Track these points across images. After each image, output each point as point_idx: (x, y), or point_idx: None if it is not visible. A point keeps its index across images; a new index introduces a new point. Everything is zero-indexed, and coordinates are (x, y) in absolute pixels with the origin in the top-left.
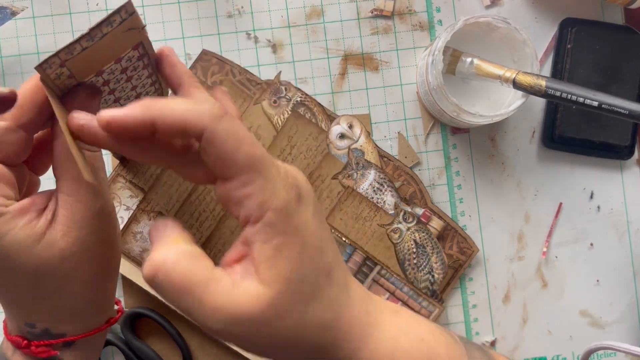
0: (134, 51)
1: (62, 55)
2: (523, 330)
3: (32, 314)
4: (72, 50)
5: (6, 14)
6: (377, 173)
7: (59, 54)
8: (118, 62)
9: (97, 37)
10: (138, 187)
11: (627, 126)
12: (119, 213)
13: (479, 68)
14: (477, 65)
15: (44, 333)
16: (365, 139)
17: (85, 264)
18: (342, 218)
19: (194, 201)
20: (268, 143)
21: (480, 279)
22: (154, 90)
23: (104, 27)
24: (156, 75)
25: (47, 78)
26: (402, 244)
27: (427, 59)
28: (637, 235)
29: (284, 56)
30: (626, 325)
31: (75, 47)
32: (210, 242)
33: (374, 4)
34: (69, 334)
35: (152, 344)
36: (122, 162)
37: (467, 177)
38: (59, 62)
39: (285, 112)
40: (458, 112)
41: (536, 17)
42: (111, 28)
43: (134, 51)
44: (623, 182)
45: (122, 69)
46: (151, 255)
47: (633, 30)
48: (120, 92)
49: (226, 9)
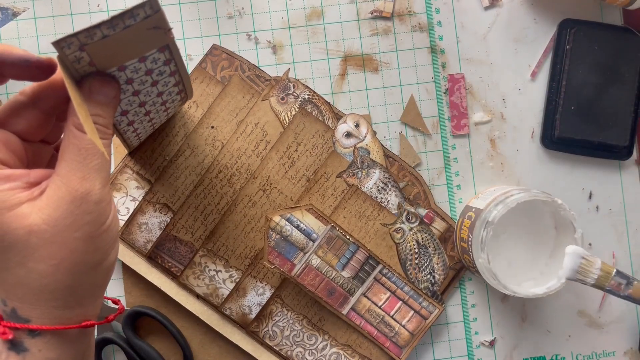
0: (159, 53)
1: (82, 38)
2: (522, 330)
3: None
4: (92, 34)
5: (7, 14)
6: (382, 173)
7: (78, 35)
8: (142, 62)
9: (119, 27)
10: (145, 178)
11: (625, 127)
12: (125, 204)
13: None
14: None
15: (12, 313)
16: (371, 138)
17: (55, 245)
18: (345, 216)
19: (199, 194)
20: (275, 139)
21: (480, 278)
22: (179, 99)
23: (127, 18)
24: (182, 84)
25: (65, 58)
26: (404, 244)
27: (483, 232)
28: (636, 235)
29: (284, 57)
30: (625, 325)
31: (95, 32)
32: (214, 235)
33: (373, 5)
34: (33, 321)
35: (153, 343)
36: (130, 154)
37: (466, 178)
38: (78, 43)
39: (293, 109)
40: (495, 284)
41: (535, 17)
42: (134, 22)
43: (159, 53)
44: (622, 182)
45: (147, 70)
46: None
47: (632, 31)
48: (145, 95)
49: (227, 10)
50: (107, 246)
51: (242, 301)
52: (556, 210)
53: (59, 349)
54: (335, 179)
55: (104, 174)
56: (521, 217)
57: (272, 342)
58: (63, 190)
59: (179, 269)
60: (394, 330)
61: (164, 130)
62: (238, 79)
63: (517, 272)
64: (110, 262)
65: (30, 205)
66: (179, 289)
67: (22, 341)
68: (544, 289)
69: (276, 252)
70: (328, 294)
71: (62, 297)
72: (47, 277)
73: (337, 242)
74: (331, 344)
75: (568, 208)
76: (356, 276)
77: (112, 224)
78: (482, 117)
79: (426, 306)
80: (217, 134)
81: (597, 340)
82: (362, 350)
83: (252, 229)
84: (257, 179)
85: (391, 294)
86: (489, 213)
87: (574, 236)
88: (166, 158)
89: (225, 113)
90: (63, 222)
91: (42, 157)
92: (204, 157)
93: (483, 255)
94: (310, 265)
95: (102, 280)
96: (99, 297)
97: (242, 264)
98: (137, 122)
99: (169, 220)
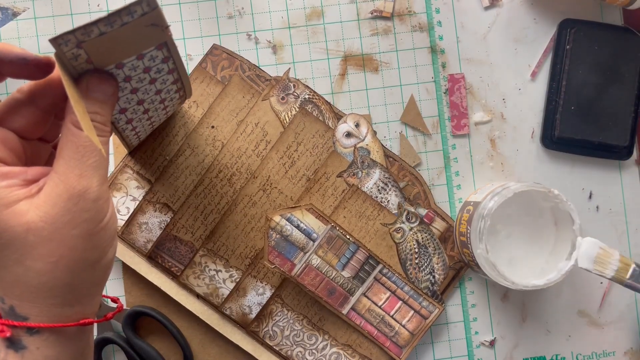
0: (157, 51)
1: (79, 35)
2: (522, 330)
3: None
4: (89, 32)
5: (7, 14)
6: (382, 172)
7: (75, 33)
8: (140, 59)
9: (116, 24)
10: (145, 178)
11: (625, 127)
12: (125, 203)
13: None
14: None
15: (10, 310)
16: (371, 138)
17: (53, 242)
18: (345, 216)
19: (199, 194)
20: (275, 139)
21: (480, 278)
22: (177, 97)
23: (124, 15)
24: (181, 82)
25: (63, 55)
26: (404, 244)
27: (480, 223)
28: (636, 234)
29: (284, 57)
30: (625, 325)
31: (92, 29)
32: (214, 235)
33: (373, 5)
34: (32, 319)
35: (153, 343)
36: (131, 153)
37: (466, 178)
38: (75, 41)
39: (293, 108)
40: (495, 275)
41: (535, 17)
42: (131, 18)
43: (157, 51)
44: (622, 182)
45: (145, 68)
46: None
47: (632, 31)
48: (143, 93)
49: (227, 10)
50: (105, 244)
51: (242, 301)
52: (555, 204)
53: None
54: (336, 178)
55: (102, 172)
56: (520, 214)
57: (272, 342)
58: (61, 188)
59: (179, 268)
60: (394, 330)
61: (164, 129)
62: (238, 79)
63: (518, 269)
64: (109, 260)
65: (28, 203)
66: (179, 289)
67: (20, 339)
68: (544, 280)
69: (276, 252)
70: (328, 294)
71: (61, 295)
72: (45, 274)
73: (337, 241)
74: (331, 343)
75: (565, 199)
76: (356, 276)
77: (110, 222)
78: (482, 117)
79: (426, 306)
80: (218, 134)
81: (597, 340)
82: (362, 350)
83: (252, 228)
84: (258, 178)
85: (391, 293)
86: (486, 204)
87: (572, 228)
88: (166, 158)
89: (226, 113)
90: (61, 219)
91: (40, 155)
92: (204, 156)
93: (481, 246)
94: (311, 265)
95: (100, 278)
96: (97, 295)
97: (242, 263)
98: (136, 121)
99: (169, 220)
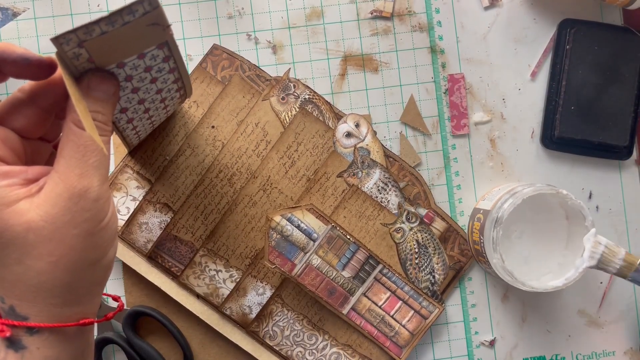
0: (158, 50)
1: (80, 34)
2: (522, 330)
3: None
4: (91, 31)
5: (7, 15)
6: (382, 172)
7: (77, 32)
8: (141, 58)
9: (118, 24)
10: (145, 178)
11: (625, 127)
12: (125, 203)
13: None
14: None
15: (10, 310)
16: (371, 138)
17: (53, 242)
18: (345, 216)
19: (199, 194)
20: (275, 139)
21: (480, 278)
22: (178, 97)
23: (125, 14)
24: (182, 81)
25: (64, 54)
26: (404, 244)
27: (493, 233)
28: (636, 234)
29: (284, 57)
30: (625, 325)
31: (94, 28)
32: (214, 235)
33: (373, 5)
34: (32, 318)
35: (154, 343)
36: (131, 153)
37: (466, 178)
38: (76, 40)
39: (293, 108)
40: (513, 282)
41: (535, 17)
42: (133, 18)
43: (158, 50)
44: (622, 182)
45: (146, 67)
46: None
47: (632, 31)
48: (144, 93)
49: (227, 10)
50: (106, 244)
51: (242, 301)
52: (564, 200)
53: (57, 346)
54: (336, 178)
55: (103, 171)
56: (530, 213)
57: (272, 342)
58: (61, 187)
59: (179, 268)
60: (394, 330)
61: (165, 129)
62: (238, 79)
63: (534, 267)
64: (109, 259)
65: (28, 202)
66: (179, 289)
67: (20, 339)
68: (563, 280)
69: (277, 252)
70: (328, 294)
71: (61, 295)
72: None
73: (338, 241)
74: (331, 343)
75: (574, 197)
76: (356, 276)
77: (110, 222)
78: (482, 117)
79: (426, 306)
80: (218, 134)
81: (597, 340)
82: (362, 350)
83: (252, 228)
84: (258, 178)
85: (391, 293)
86: (496, 212)
87: (584, 224)
88: (166, 158)
89: (226, 113)
90: (61, 219)
91: (41, 154)
92: (205, 156)
93: (496, 256)
94: (311, 265)
95: (100, 277)
96: (97, 294)
97: (242, 263)
98: (137, 120)
99: (170, 220)
